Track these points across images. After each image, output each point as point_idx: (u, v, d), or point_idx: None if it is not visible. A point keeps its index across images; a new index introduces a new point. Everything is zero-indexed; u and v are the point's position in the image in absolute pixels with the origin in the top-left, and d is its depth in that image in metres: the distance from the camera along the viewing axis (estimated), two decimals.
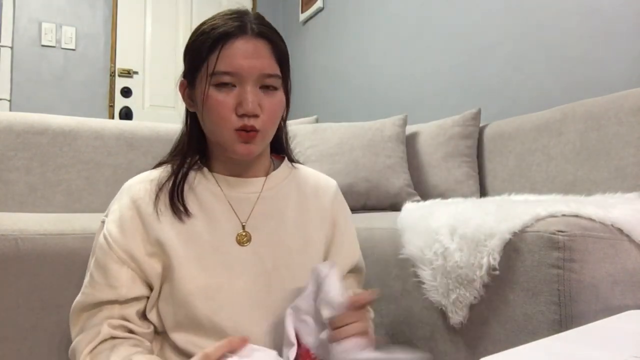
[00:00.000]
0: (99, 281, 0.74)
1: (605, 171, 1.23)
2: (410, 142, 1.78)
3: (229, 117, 0.72)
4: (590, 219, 0.71)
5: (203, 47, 0.73)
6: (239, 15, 0.75)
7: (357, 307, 0.69)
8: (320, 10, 3.09)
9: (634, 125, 1.19)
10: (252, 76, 0.72)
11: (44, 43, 2.97)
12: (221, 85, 0.73)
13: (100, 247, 0.75)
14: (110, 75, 3.13)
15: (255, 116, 0.73)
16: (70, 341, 0.75)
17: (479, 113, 1.68)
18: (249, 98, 0.72)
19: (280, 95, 0.77)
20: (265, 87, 0.74)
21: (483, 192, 1.63)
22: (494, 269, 0.74)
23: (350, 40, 2.80)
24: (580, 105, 1.35)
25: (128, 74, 3.16)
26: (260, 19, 0.77)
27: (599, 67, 1.47)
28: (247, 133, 0.73)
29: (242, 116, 0.72)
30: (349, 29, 2.81)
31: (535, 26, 1.68)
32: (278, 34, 0.78)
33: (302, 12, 3.30)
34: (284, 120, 0.85)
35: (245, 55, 0.72)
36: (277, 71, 0.75)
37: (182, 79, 0.80)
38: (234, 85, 0.73)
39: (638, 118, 1.19)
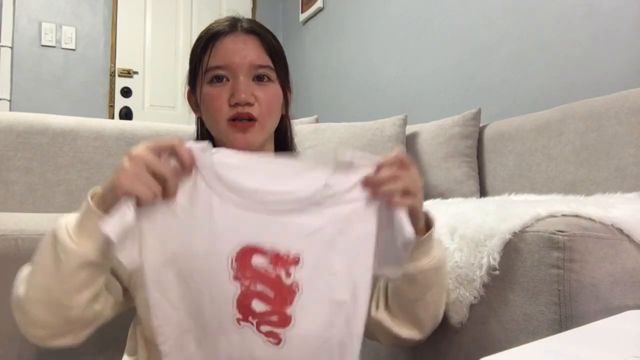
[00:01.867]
0: None
1: (605, 171, 1.23)
2: (410, 142, 1.78)
3: (221, 108, 0.75)
4: (590, 219, 0.71)
5: (198, 49, 0.78)
6: (231, 18, 0.80)
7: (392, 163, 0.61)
8: (320, 10, 3.09)
9: (634, 125, 1.19)
10: (243, 67, 0.75)
11: (44, 43, 2.96)
12: (215, 81, 0.76)
13: None
14: (110, 75, 3.13)
15: (249, 104, 0.75)
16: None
17: (479, 113, 1.68)
18: (241, 87, 0.74)
19: (275, 87, 0.79)
20: (259, 79, 0.77)
21: (483, 192, 1.63)
22: (494, 269, 0.74)
23: (350, 40, 2.80)
24: (580, 105, 1.35)
25: (128, 74, 3.16)
26: (251, 19, 0.81)
27: (599, 67, 1.47)
28: (242, 122, 0.75)
29: (235, 105, 0.74)
30: (349, 29, 2.81)
31: (535, 26, 1.68)
32: (269, 31, 0.81)
33: (302, 12, 3.30)
34: (288, 118, 0.86)
35: (235, 48, 0.76)
36: (269, 62, 0.78)
37: (187, 86, 0.84)
38: (228, 80, 0.76)
39: (638, 118, 1.19)
